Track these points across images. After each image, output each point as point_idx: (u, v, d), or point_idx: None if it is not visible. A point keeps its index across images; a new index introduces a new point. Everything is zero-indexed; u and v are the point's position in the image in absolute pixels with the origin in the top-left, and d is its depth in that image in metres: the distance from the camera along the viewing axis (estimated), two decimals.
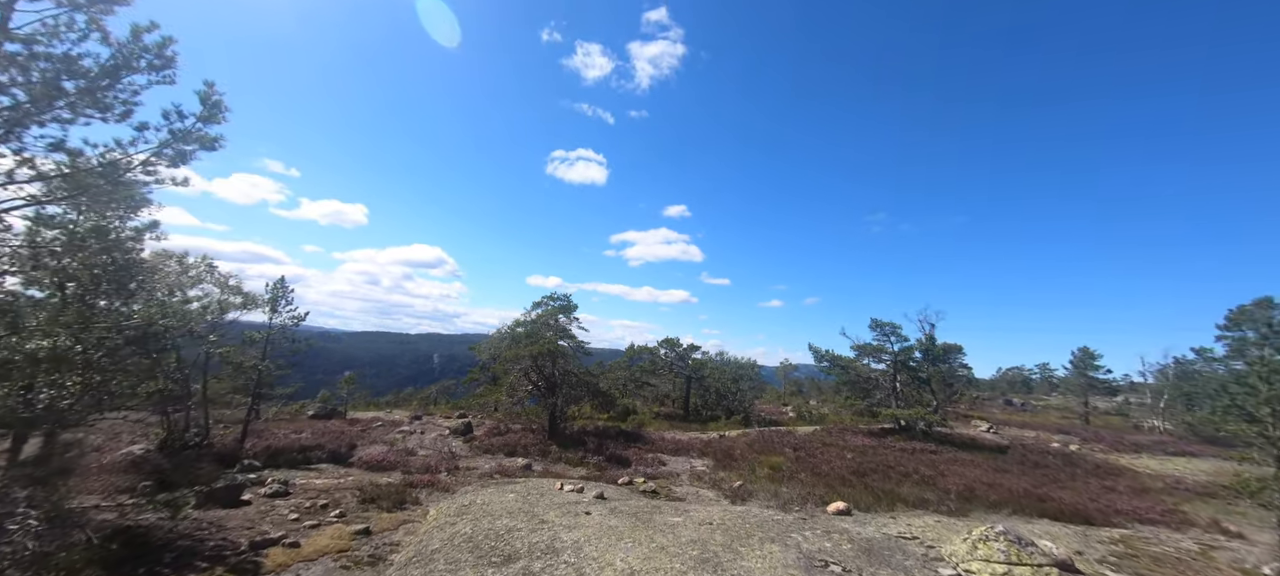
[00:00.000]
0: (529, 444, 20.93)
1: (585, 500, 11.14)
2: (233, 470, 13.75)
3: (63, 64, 5.61)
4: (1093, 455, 25.46)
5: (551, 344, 22.02)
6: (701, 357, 38.13)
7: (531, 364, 22.89)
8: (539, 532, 8.78)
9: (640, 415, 31.51)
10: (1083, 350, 43.31)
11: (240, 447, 16.04)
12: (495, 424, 25.90)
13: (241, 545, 8.60)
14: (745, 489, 14.69)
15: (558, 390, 22.72)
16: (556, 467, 17.76)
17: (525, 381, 23.76)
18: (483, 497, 11.22)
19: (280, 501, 11.39)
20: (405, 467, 15.56)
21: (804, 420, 35.29)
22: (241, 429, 16.62)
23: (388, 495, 11.77)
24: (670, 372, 39.69)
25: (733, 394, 35.55)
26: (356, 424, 24.78)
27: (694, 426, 31.39)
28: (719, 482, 15.78)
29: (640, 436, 24.64)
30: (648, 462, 19.35)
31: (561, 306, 25.24)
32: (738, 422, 31.88)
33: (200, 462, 13.84)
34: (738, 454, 20.50)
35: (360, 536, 9.43)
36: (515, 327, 24.10)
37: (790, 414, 39.43)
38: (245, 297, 16.72)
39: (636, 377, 39.67)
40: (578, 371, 24.48)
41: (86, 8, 5.79)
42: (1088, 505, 15.08)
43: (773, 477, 16.48)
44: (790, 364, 61.93)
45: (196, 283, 16.52)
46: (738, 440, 24.06)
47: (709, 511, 11.01)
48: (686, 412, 35.87)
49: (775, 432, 25.91)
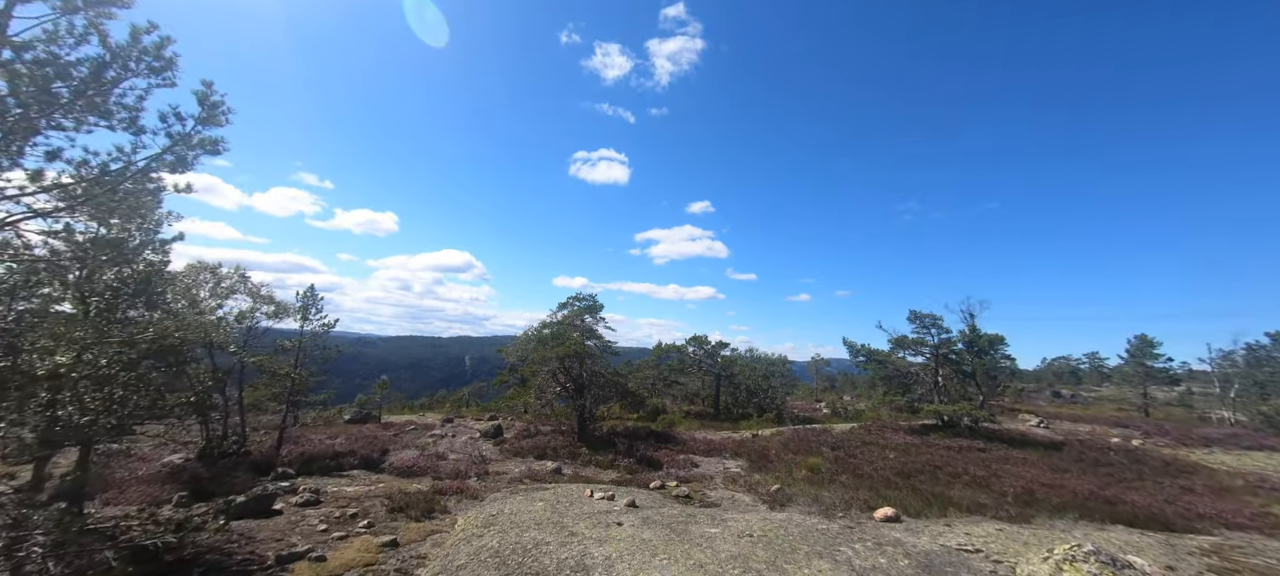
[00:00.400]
0: (558, 446, 20.57)
1: (616, 509, 10.59)
2: (267, 478, 13.75)
3: (59, 68, 5.31)
4: (1158, 451, 23.56)
5: (578, 344, 21.59)
6: (730, 355, 37.25)
7: (559, 365, 22.53)
8: (568, 547, 8.26)
9: (670, 415, 30.90)
10: (1140, 337, 40.51)
11: (277, 454, 16.13)
12: (525, 426, 25.69)
13: (268, 559, 8.37)
14: (783, 493, 13.90)
15: (586, 391, 22.30)
16: (586, 471, 17.30)
17: (553, 383, 23.42)
18: (510, 507, 10.80)
19: (311, 511, 11.22)
20: (435, 473, 15.35)
21: (839, 417, 34.03)
22: (277, 436, 16.71)
23: (416, 504, 11.48)
24: (699, 371, 38.92)
25: (764, 391, 34.55)
26: (390, 428, 24.93)
27: (725, 425, 30.58)
28: (755, 486, 15.03)
29: (671, 437, 24.02)
30: (679, 464, 18.72)
31: (587, 306, 24.81)
32: (770, 421, 30.91)
33: (236, 471, 13.90)
34: (773, 454, 19.66)
35: (387, 548, 9.11)
36: (541, 329, 23.78)
37: (825, 410, 38.17)
38: (277, 306, 16.80)
39: (665, 377, 39.04)
40: (605, 372, 24.03)
41: (85, 10, 5.50)
42: (1164, 508, 13.71)
43: (812, 480, 15.63)
44: (822, 358, 60.23)
45: (231, 293, 16.72)
46: (772, 439, 23.17)
47: (747, 520, 10.31)
48: (717, 411, 35.06)
49: (810, 431, 24.91)
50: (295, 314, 16.88)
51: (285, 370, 16.62)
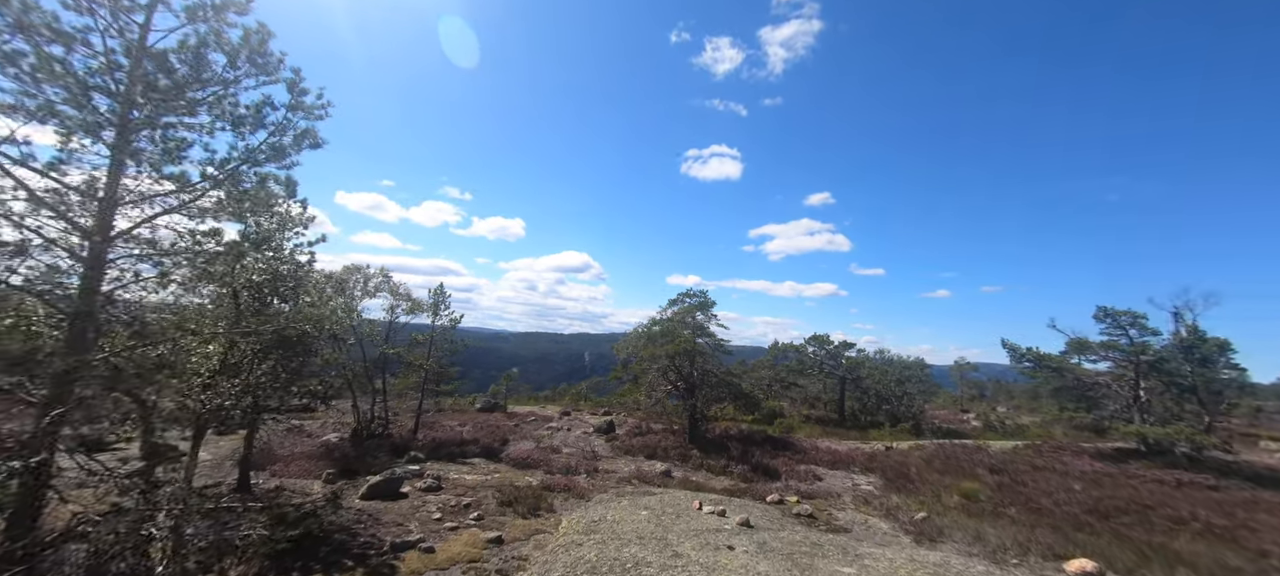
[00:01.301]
0: (669, 447, 19.74)
1: (728, 526, 9.35)
2: (402, 460, 14.74)
3: (195, 74, 5.48)
4: None
5: (688, 342, 20.53)
6: (857, 356, 33.53)
7: (669, 363, 21.68)
8: (670, 572, 7.24)
9: (788, 419, 28.53)
10: None
11: (413, 437, 17.42)
12: (636, 423, 25.32)
13: (384, 545, 8.55)
14: (933, 525, 11.47)
15: (697, 390, 21.17)
16: (696, 476, 16.19)
17: (663, 381, 22.67)
18: (614, 513, 10.09)
19: (432, 497, 11.60)
20: (547, 467, 15.34)
21: (994, 432, 28.80)
22: (415, 421, 18.04)
23: (525, 499, 11.32)
24: (820, 373, 35.68)
25: (897, 398, 30.47)
26: (513, 418, 26.17)
27: (851, 434, 27.44)
28: (893, 511, 12.70)
29: (789, 443, 21.94)
30: (800, 476, 16.78)
31: (698, 303, 23.65)
32: (906, 432, 27.09)
33: (379, 452, 15.11)
34: (913, 473, 16.80)
35: (491, 545, 8.89)
36: (651, 326, 23.12)
37: (973, 423, 32.73)
38: (413, 303, 18.14)
39: (782, 378, 36.42)
40: (717, 371, 22.68)
41: (210, 18, 5.65)
42: None
43: (968, 510, 12.84)
44: (967, 362, 52.27)
45: (377, 291, 18.47)
46: (910, 455, 20.02)
47: (890, 558, 8.43)
48: (841, 418, 31.73)
49: (959, 447, 21.12)
50: (427, 310, 18.07)
51: (420, 361, 17.88)
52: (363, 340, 17.24)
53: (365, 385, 17.68)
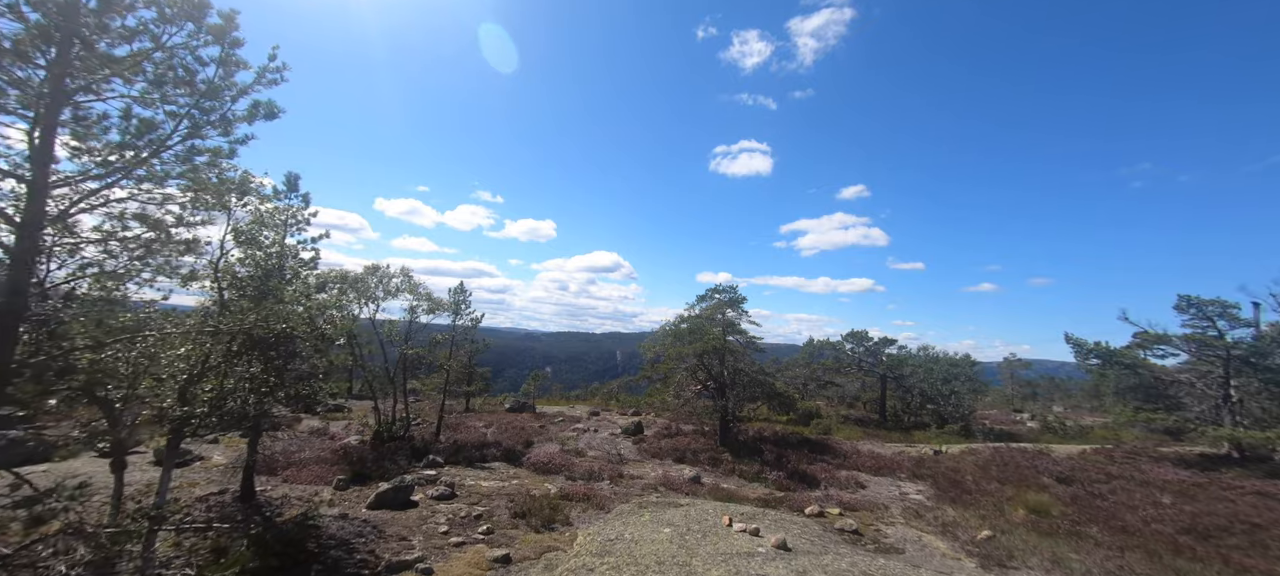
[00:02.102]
0: (698, 450, 18.56)
1: (763, 550, 8.14)
2: (421, 464, 14.13)
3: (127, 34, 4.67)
4: None
5: (718, 340, 19.28)
6: (898, 353, 31.40)
7: (698, 361, 20.49)
8: None
9: (825, 420, 26.82)
10: None
11: (435, 439, 16.84)
12: (666, 424, 24.20)
13: (380, 564, 7.76)
14: (999, 546, 9.91)
15: (728, 391, 19.89)
16: (727, 482, 14.97)
17: (692, 381, 21.49)
18: (634, 530, 9.03)
19: (443, 506, 10.83)
20: (569, 472, 14.44)
21: (1054, 434, 26.30)
22: (436, 423, 17.48)
23: (539, 510, 10.39)
24: (858, 370, 33.67)
25: (944, 397, 28.27)
26: (541, 418, 25.48)
27: (894, 436, 25.54)
28: (950, 527, 11.17)
29: (828, 446, 20.38)
30: (841, 483, 15.33)
31: (729, 299, 22.34)
32: (955, 434, 25.00)
33: (397, 454, 14.54)
34: (970, 481, 15.07)
35: (497, 565, 7.97)
36: (679, 323, 21.93)
37: (1029, 424, 30.13)
38: (433, 302, 17.58)
39: (818, 377, 34.60)
40: (749, 369, 21.33)
41: None
42: None
43: (1038, 528, 11.16)
44: (1018, 359, 48.80)
45: (398, 292, 18.00)
46: (962, 460, 18.19)
47: None
48: (882, 418, 29.73)
49: (1017, 452, 19.08)
50: (448, 309, 17.47)
51: (442, 361, 17.29)
52: (384, 342, 16.78)
53: (387, 387, 17.22)
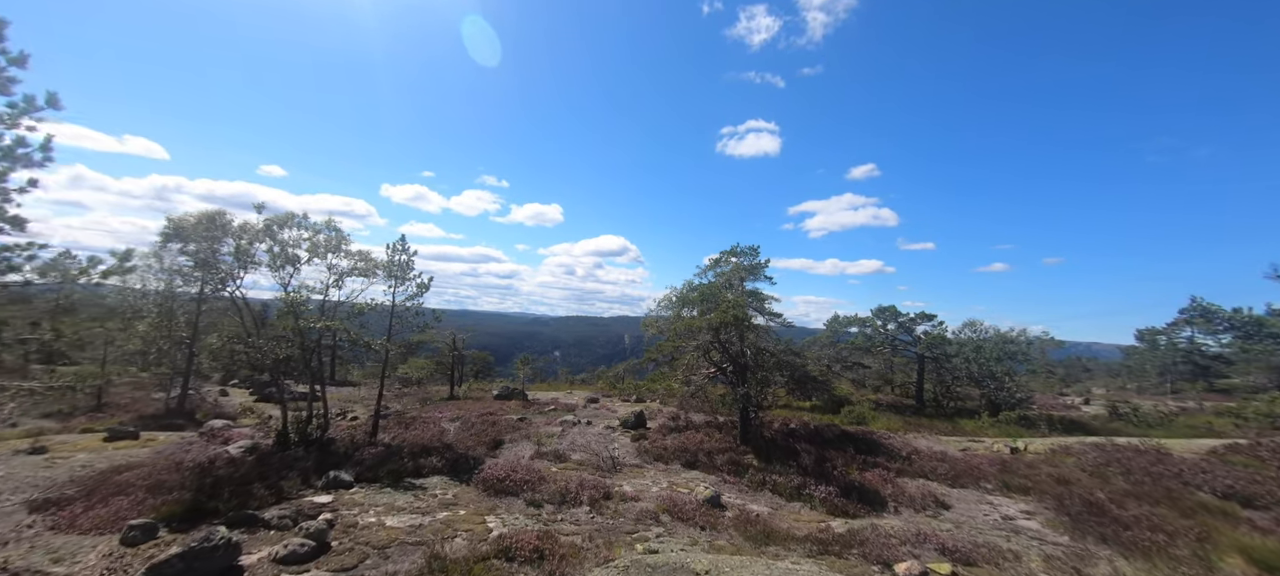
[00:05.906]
0: (714, 449, 13.88)
1: None
2: (320, 480, 9.55)
3: None
4: None
5: (739, 309, 14.46)
6: (936, 330, 26.44)
7: (712, 338, 15.63)
8: None
9: (857, 407, 22.03)
10: None
11: (369, 441, 12.32)
12: (673, 413, 19.55)
13: None
14: None
15: (749, 375, 15.09)
16: (759, 502, 10.28)
17: (704, 361, 16.65)
18: None
19: (287, 574, 6.21)
20: (533, 492, 9.74)
21: (1128, 422, 21.32)
22: (371, 419, 12.90)
23: None
24: (889, 350, 28.79)
25: (994, 380, 23.36)
26: (530, 406, 20.94)
27: (939, 425, 20.76)
28: None
29: (874, 441, 15.63)
30: (914, 501, 10.64)
31: (748, 265, 17.51)
32: (1015, 424, 20.16)
33: (293, 468, 9.98)
34: (1103, 500, 10.24)
35: None
36: (687, 291, 17.09)
37: (1083, 408, 25.17)
38: (367, 263, 12.90)
39: (843, 357, 29.71)
40: (774, 348, 16.52)
41: None
42: None
43: None
44: (1050, 338, 43.61)
45: (329, 252, 13.34)
46: (1059, 462, 13.41)
47: None
48: (919, 404, 24.91)
49: (1130, 451, 14.20)
50: (384, 272, 12.80)
51: (378, 344, 12.62)
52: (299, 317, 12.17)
53: (304, 375, 12.63)
